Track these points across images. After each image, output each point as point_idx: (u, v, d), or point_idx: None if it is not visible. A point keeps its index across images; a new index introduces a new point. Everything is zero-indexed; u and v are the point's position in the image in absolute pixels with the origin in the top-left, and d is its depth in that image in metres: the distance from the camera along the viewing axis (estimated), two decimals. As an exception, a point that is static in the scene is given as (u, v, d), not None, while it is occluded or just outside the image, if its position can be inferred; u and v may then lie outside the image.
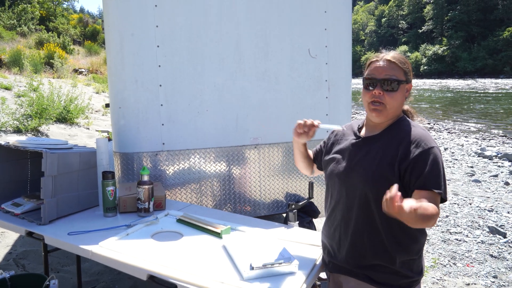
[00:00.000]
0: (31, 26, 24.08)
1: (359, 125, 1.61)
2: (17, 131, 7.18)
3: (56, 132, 7.85)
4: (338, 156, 1.58)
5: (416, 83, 48.66)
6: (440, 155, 1.36)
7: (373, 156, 1.44)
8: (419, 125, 1.47)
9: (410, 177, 1.36)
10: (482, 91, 30.86)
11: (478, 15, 64.05)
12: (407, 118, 1.51)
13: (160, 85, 2.71)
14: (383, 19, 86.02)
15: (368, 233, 1.43)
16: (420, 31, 73.58)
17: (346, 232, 1.50)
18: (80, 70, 18.44)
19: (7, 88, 10.04)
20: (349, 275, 1.51)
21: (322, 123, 1.70)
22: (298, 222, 2.61)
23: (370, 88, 1.45)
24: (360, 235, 1.46)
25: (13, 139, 2.20)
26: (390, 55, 1.48)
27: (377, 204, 1.38)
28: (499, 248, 3.87)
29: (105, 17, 2.74)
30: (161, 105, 2.72)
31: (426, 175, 1.33)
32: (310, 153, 1.86)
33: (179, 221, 2.07)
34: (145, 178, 2.10)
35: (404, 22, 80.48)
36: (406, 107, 1.56)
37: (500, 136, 11.24)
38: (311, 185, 2.78)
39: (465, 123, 14.26)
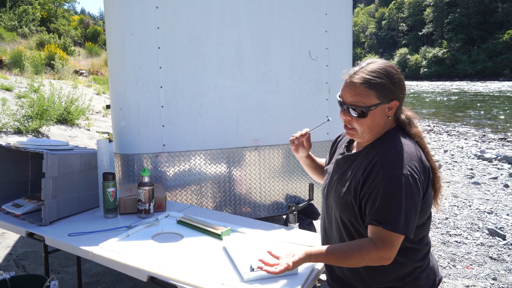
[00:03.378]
0: (32, 27, 24.12)
1: None
2: (18, 132, 7.19)
3: (56, 133, 7.85)
4: (329, 169, 1.53)
5: (416, 85, 48.69)
6: (404, 183, 1.18)
7: (347, 178, 1.35)
8: (399, 141, 1.28)
9: (365, 209, 1.25)
10: (482, 94, 30.89)
11: (478, 18, 64.18)
12: (394, 132, 1.33)
13: (161, 87, 2.72)
14: (383, 22, 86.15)
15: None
16: (420, 33, 73.69)
17: (327, 244, 1.48)
18: (80, 71, 18.47)
19: (8, 89, 10.05)
20: (328, 285, 1.52)
21: (323, 125, 1.71)
22: (298, 223, 2.61)
23: (341, 108, 1.34)
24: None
25: (14, 140, 2.20)
26: (355, 75, 1.28)
27: (346, 228, 1.36)
28: (499, 250, 3.87)
29: (106, 19, 2.75)
30: (162, 106, 2.73)
31: (376, 209, 1.20)
32: (322, 161, 1.79)
33: (180, 222, 2.07)
34: (146, 179, 2.11)
35: (404, 25, 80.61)
36: (405, 115, 1.37)
37: (500, 138, 11.24)
38: (311, 187, 2.78)
39: (465, 126, 14.27)
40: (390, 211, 1.18)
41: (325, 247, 1.30)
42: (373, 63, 1.31)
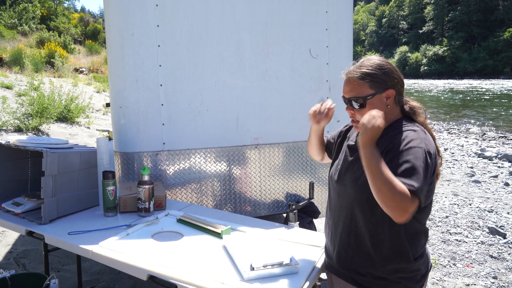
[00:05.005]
0: (32, 25, 24.09)
1: None
2: (18, 130, 7.18)
3: (56, 131, 7.85)
4: (339, 156, 1.59)
5: (416, 83, 48.63)
6: (424, 154, 1.24)
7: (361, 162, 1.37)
8: (413, 127, 1.36)
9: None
10: (482, 92, 30.85)
11: (478, 16, 64.07)
12: (405, 120, 1.41)
13: (161, 85, 2.71)
14: (384, 20, 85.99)
15: (355, 236, 1.43)
16: (421, 31, 73.58)
17: (336, 233, 1.51)
18: (81, 69, 18.44)
19: (8, 87, 10.04)
20: (338, 275, 1.51)
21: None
22: (298, 222, 2.61)
23: (345, 105, 1.46)
24: (347, 238, 1.45)
25: (13, 139, 2.19)
26: (349, 71, 1.42)
27: (363, 209, 1.38)
28: (499, 249, 3.87)
29: (106, 17, 2.74)
30: (162, 104, 2.72)
31: (399, 166, 1.23)
32: (325, 139, 1.85)
33: (180, 221, 2.07)
34: (146, 178, 2.10)
35: (404, 23, 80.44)
36: (409, 105, 1.45)
37: (500, 136, 11.24)
38: (311, 186, 2.78)
39: (465, 124, 14.26)
40: (412, 171, 1.21)
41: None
42: (366, 60, 1.43)
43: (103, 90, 13.85)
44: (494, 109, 18.62)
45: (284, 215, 3.11)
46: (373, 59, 1.42)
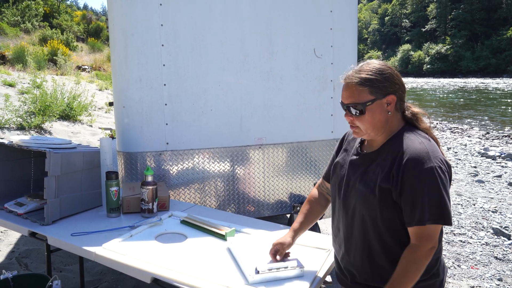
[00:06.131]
0: (35, 22, 24.09)
1: None
2: (21, 128, 7.18)
3: (59, 129, 7.84)
4: (340, 168, 1.51)
5: (419, 81, 48.49)
6: (436, 175, 1.22)
7: (370, 177, 1.35)
8: (419, 137, 1.31)
9: (401, 204, 1.27)
10: (485, 91, 30.74)
11: (481, 14, 63.75)
12: (409, 129, 1.36)
13: (165, 84, 2.69)
14: (386, 18, 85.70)
15: (369, 254, 1.37)
16: (423, 30, 73.30)
17: (349, 249, 1.45)
18: (83, 67, 18.44)
19: (10, 85, 10.04)
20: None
21: (327, 123, 1.68)
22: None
23: (344, 111, 1.40)
24: (360, 256, 1.40)
25: (16, 138, 2.18)
26: (347, 76, 1.36)
27: (375, 228, 1.34)
28: (504, 250, 3.84)
29: (109, 16, 2.72)
30: (165, 104, 2.70)
31: (411, 207, 1.23)
32: (308, 220, 1.68)
33: (183, 222, 2.05)
34: (149, 178, 2.09)
35: (407, 21, 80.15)
36: (410, 111, 1.40)
37: (504, 136, 11.18)
38: (315, 187, 2.75)
39: (468, 123, 14.20)
40: (436, 206, 1.21)
41: (390, 280, 1.26)
42: (366, 64, 1.38)
43: (106, 88, 13.84)
44: (497, 108, 18.54)
45: (288, 215, 3.09)
46: (372, 63, 1.36)
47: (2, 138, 2.85)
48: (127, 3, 2.61)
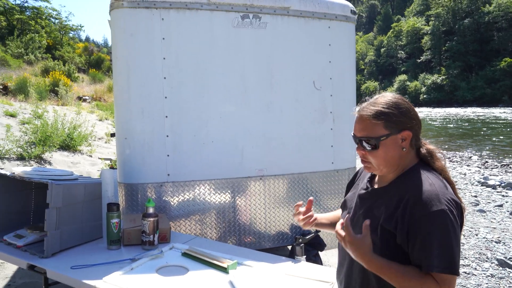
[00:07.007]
0: (38, 54, 24.55)
1: None
2: (21, 158, 7.18)
3: (59, 160, 7.84)
4: (349, 203, 1.48)
5: (416, 111, 48.86)
6: (445, 219, 1.15)
7: (374, 214, 1.31)
8: (430, 177, 1.25)
9: (408, 248, 1.21)
10: (482, 120, 31.05)
11: (474, 46, 65.29)
12: (422, 167, 1.30)
13: (166, 116, 2.73)
14: (382, 49, 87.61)
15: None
16: (419, 60, 74.82)
17: (346, 282, 1.41)
18: (84, 97, 18.66)
19: (12, 115, 10.12)
20: None
21: (327, 154, 1.69)
22: (305, 256, 2.56)
23: (355, 144, 1.34)
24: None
25: (18, 170, 2.19)
26: (362, 108, 1.30)
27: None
28: (510, 282, 3.77)
29: (113, 49, 2.79)
30: (167, 136, 2.73)
31: (419, 253, 1.16)
32: (332, 215, 1.70)
33: (185, 255, 2.03)
34: (151, 210, 2.08)
35: (402, 52, 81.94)
36: (426, 149, 1.34)
37: (503, 165, 11.20)
38: (317, 218, 2.74)
39: (467, 152, 14.25)
40: (444, 254, 1.14)
41: (384, 260, 1.22)
42: (381, 97, 1.33)
43: (106, 118, 13.95)
44: (494, 138, 18.66)
45: (289, 247, 3.06)
46: (388, 96, 1.32)
47: (2, 169, 2.85)
48: (131, 37, 2.68)
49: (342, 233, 1.23)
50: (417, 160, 1.33)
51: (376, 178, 1.43)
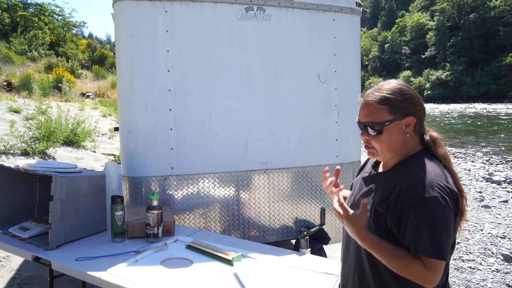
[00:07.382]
0: (41, 51, 24.60)
1: None
2: (25, 153, 7.20)
3: (63, 155, 7.86)
4: (354, 185, 1.51)
5: (420, 107, 48.54)
6: (435, 206, 1.16)
7: (372, 196, 1.32)
8: (429, 164, 1.26)
9: (398, 231, 1.22)
10: (487, 116, 30.85)
11: (480, 41, 64.78)
12: (424, 154, 1.31)
13: (170, 109, 2.72)
14: (386, 45, 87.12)
15: (358, 272, 1.35)
16: (423, 56, 74.37)
17: (343, 266, 1.44)
18: (87, 93, 18.69)
19: (16, 111, 10.16)
20: None
21: (332, 148, 1.68)
22: (309, 249, 2.55)
23: (360, 130, 1.36)
24: (351, 272, 1.38)
25: (22, 163, 2.19)
26: (367, 94, 1.33)
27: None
28: (515, 277, 3.75)
29: (116, 42, 2.78)
30: (171, 129, 2.72)
31: (408, 236, 1.18)
32: None
33: (189, 247, 2.02)
34: (155, 203, 2.07)
35: (407, 48, 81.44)
36: (429, 135, 1.35)
37: (508, 161, 11.12)
38: (323, 211, 2.73)
39: (471, 148, 14.17)
40: (432, 240, 1.16)
41: (378, 238, 1.24)
42: (386, 83, 1.35)
43: (109, 114, 13.97)
44: (499, 133, 18.55)
45: (293, 241, 3.05)
46: (393, 82, 1.34)
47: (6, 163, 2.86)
48: (134, 30, 2.67)
49: (340, 210, 1.25)
50: (420, 147, 1.34)
51: (381, 164, 1.45)
